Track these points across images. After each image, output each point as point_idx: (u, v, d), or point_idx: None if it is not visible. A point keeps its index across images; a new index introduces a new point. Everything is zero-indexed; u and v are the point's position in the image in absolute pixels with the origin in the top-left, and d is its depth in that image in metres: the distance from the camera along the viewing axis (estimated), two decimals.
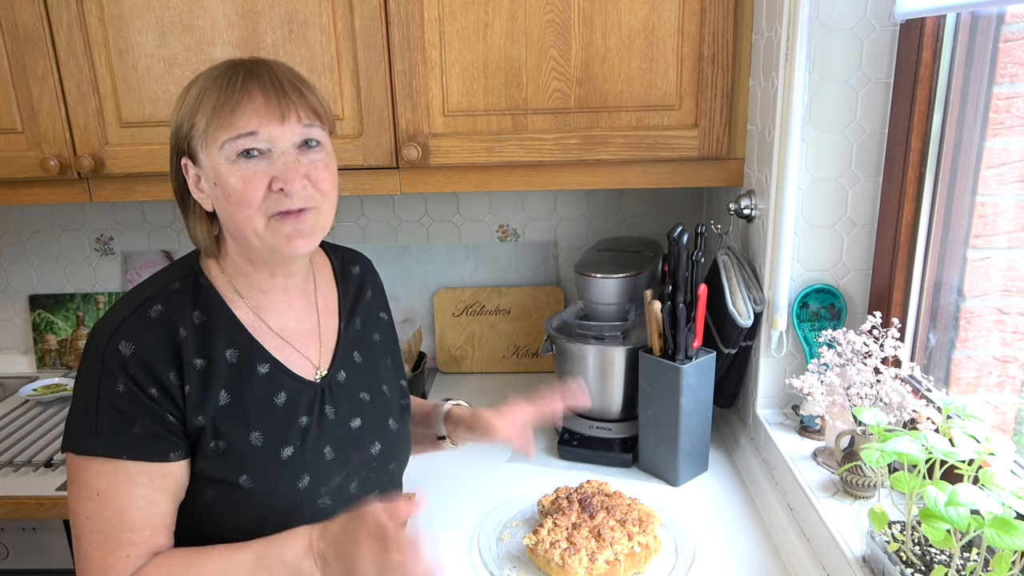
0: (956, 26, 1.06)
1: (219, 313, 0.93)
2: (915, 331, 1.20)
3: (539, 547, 1.08)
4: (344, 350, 1.04)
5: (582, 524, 1.12)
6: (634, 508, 1.16)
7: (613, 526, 1.11)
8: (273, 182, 0.87)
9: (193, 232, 0.95)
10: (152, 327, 0.88)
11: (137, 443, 0.86)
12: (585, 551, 1.06)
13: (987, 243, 1.05)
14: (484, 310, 1.87)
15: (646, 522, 1.13)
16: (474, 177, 1.43)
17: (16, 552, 1.44)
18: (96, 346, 0.87)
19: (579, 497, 1.18)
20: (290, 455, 0.94)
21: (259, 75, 0.87)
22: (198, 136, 0.88)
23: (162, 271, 0.98)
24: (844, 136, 1.20)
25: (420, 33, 1.34)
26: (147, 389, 0.87)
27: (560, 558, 1.05)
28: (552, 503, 1.20)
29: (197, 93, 0.88)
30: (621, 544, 1.08)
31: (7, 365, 1.99)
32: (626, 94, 1.36)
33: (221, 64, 0.90)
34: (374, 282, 1.16)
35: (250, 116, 0.86)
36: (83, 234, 1.91)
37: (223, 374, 0.91)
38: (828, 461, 1.17)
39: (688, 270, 1.27)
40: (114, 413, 0.86)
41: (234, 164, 0.86)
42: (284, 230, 0.89)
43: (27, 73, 1.39)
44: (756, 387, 1.36)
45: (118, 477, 0.86)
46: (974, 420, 0.88)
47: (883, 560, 0.89)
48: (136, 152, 1.43)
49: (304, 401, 0.97)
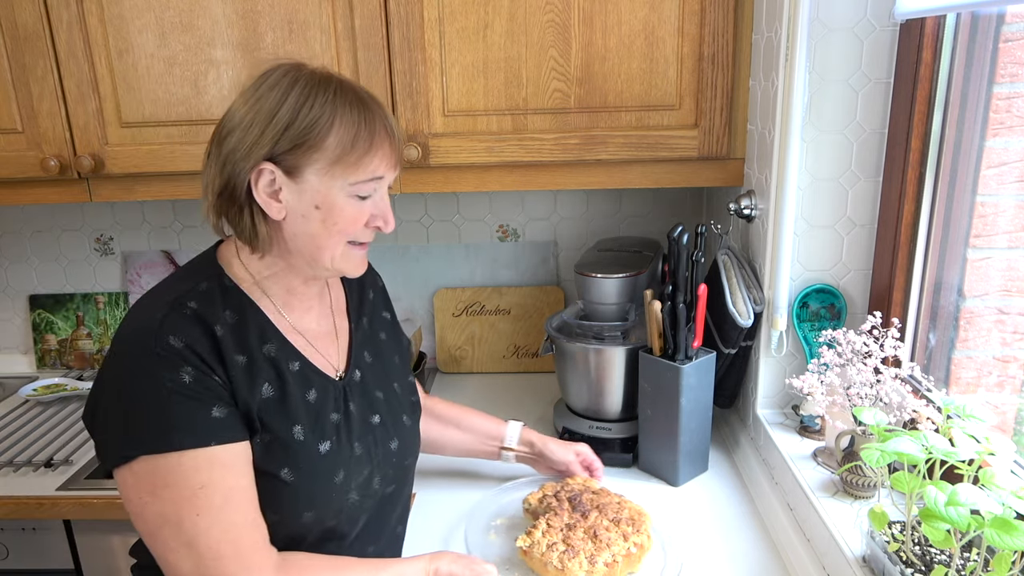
0: (956, 26, 1.06)
1: (250, 312, 0.93)
2: (915, 331, 1.20)
3: (535, 549, 1.07)
4: (357, 350, 1.06)
5: (576, 525, 1.10)
6: (624, 506, 1.15)
7: (608, 526, 1.10)
8: (371, 219, 0.94)
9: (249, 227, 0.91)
10: (193, 323, 0.86)
11: (221, 427, 0.85)
12: (584, 553, 1.05)
13: (987, 243, 1.05)
14: (484, 310, 1.87)
15: (639, 521, 1.12)
16: (474, 177, 1.43)
17: (16, 552, 1.44)
18: (142, 343, 0.84)
19: (568, 495, 1.17)
20: (327, 450, 0.95)
21: (387, 120, 0.92)
22: (317, 156, 0.87)
23: (181, 273, 0.96)
24: (844, 136, 1.20)
25: (420, 33, 1.34)
26: (212, 376, 0.86)
27: (559, 561, 1.04)
28: (540, 502, 1.19)
29: (327, 116, 0.87)
30: (618, 545, 1.07)
31: (7, 365, 1.99)
32: (626, 94, 1.36)
33: (326, 77, 0.90)
34: (373, 282, 1.18)
35: (381, 161, 0.91)
36: (83, 234, 1.91)
37: (265, 368, 0.92)
38: (828, 461, 1.17)
39: (688, 270, 1.27)
40: (189, 403, 0.83)
41: (351, 199, 0.91)
42: (354, 259, 0.97)
43: (27, 73, 1.39)
44: (756, 387, 1.36)
45: (214, 465, 0.83)
46: (974, 420, 0.88)
47: (883, 560, 0.89)
48: (136, 152, 1.43)
49: (331, 398, 0.98)
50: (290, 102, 0.86)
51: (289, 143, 0.86)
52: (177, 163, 1.42)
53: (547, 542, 1.07)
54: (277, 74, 0.89)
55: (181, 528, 0.82)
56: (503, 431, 1.31)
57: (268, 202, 0.89)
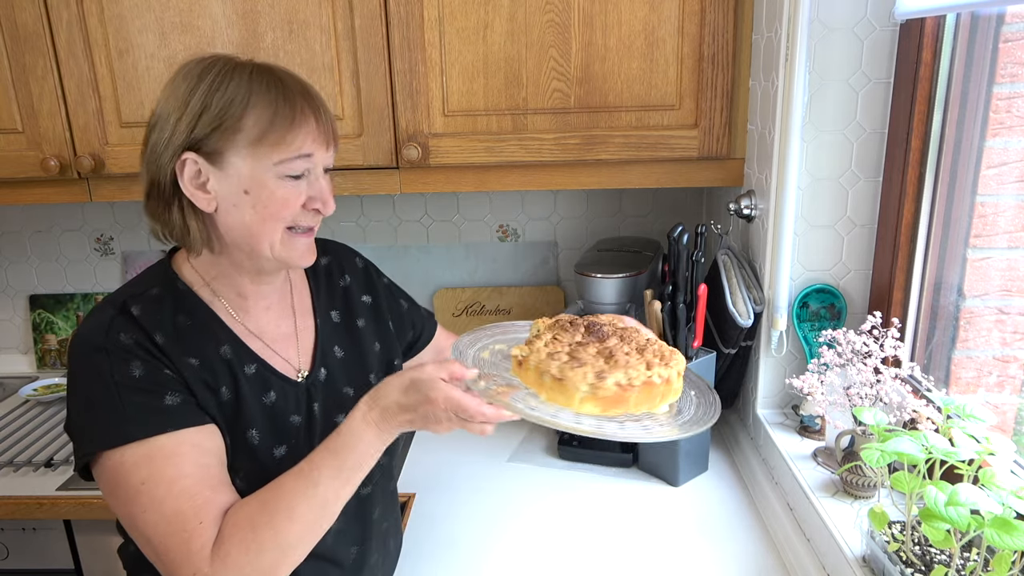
0: (956, 26, 1.06)
1: (203, 315, 0.93)
2: (915, 331, 1.20)
3: (532, 358, 0.83)
4: (323, 348, 1.03)
5: (589, 344, 0.86)
6: (655, 343, 0.89)
7: (629, 352, 0.84)
8: (309, 202, 0.90)
9: (180, 225, 0.89)
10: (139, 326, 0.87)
11: (174, 413, 0.84)
12: (592, 368, 0.80)
13: (987, 243, 1.05)
14: (484, 310, 1.87)
15: (669, 358, 0.85)
16: (474, 177, 1.43)
17: (16, 552, 1.44)
18: (94, 343, 0.85)
19: (586, 323, 0.91)
20: (283, 454, 0.93)
21: (310, 97, 0.90)
22: (236, 139, 0.85)
23: (136, 279, 0.95)
24: (844, 136, 1.20)
25: (420, 33, 1.34)
26: (164, 370, 0.86)
27: (559, 371, 0.80)
28: (551, 326, 0.93)
29: (242, 96, 0.85)
30: (637, 371, 0.81)
31: (7, 365, 1.99)
32: (626, 94, 1.36)
33: (242, 63, 0.88)
34: (352, 267, 1.13)
35: (307, 137, 0.88)
36: (83, 234, 1.91)
37: (221, 371, 0.91)
38: (828, 461, 1.17)
39: (688, 270, 1.27)
40: (139, 394, 0.83)
41: (281, 180, 0.88)
42: (298, 247, 0.93)
43: (27, 73, 1.39)
44: (756, 387, 1.36)
45: (156, 458, 0.82)
46: (974, 420, 0.88)
47: (883, 560, 0.89)
48: (136, 152, 1.41)
49: (292, 400, 0.97)
50: (203, 87, 0.85)
51: (206, 128, 0.85)
52: None
53: (548, 351, 0.84)
54: (191, 64, 0.88)
55: (136, 525, 0.82)
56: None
57: (195, 194, 0.87)
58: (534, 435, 1.49)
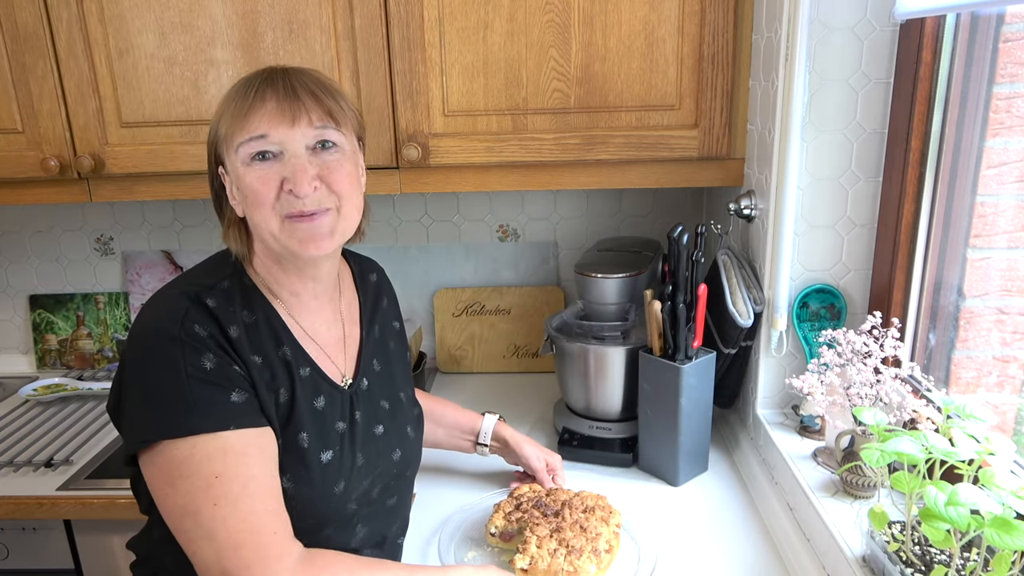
0: (956, 26, 1.06)
1: (266, 313, 0.94)
2: (915, 331, 1.20)
3: (539, 563, 1.04)
4: (366, 358, 1.05)
5: (561, 526, 1.09)
6: (578, 497, 1.17)
7: (587, 517, 1.11)
8: (284, 183, 0.88)
9: (226, 237, 0.96)
10: (211, 320, 0.87)
11: (239, 412, 0.85)
12: (586, 549, 1.04)
13: (987, 243, 1.05)
14: (484, 310, 1.87)
15: (603, 505, 1.15)
16: (474, 177, 1.43)
17: (16, 552, 1.44)
18: (168, 332, 0.84)
19: (531, 504, 1.16)
20: (329, 460, 0.94)
21: (275, 81, 0.90)
22: (221, 142, 0.91)
23: (205, 267, 0.97)
24: (844, 136, 1.20)
25: (420, 33, 1.34)
26: (233, 366, 0.86)
27: (569, 563, 1.02)
28: (507, 521, 1.15)
29: (223, 101, 0.91)
30: (604, 529, 1.08)
31: (7, 365, 1.99)
32: (626, 94, 1.36)
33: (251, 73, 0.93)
34: (389, 291, 1.18)
35: (260, 119, 0.87)
36: (83, 234, 1.91)
37: (281, 372, 0.92)
38: (828, 461, 1.17)
39: (688, 270, 1.27)
40: (208, 387, 0.84)
41: (249, 166, 0.89)
42: (298, 233, 0.90)
43: (27, 73, 1.39)
44: (756, 387, 1.36)
45: (228, 454, 0.82)
46: (974, 420, 0.88)
47: (883, 560, 0.89)
48: (136, 152, 1.43)
49: (338, 406, 0.98)
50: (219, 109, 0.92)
51: (213, 140, 0.93)
52: (177, 163, 1.42)
53: (548, 548, 1.06)
54: None
55: (199, 519, 0.81)
56: (478, 425, 1.31)
57: (232, 201, 0.94)
58: (534, 435, 1.49)
